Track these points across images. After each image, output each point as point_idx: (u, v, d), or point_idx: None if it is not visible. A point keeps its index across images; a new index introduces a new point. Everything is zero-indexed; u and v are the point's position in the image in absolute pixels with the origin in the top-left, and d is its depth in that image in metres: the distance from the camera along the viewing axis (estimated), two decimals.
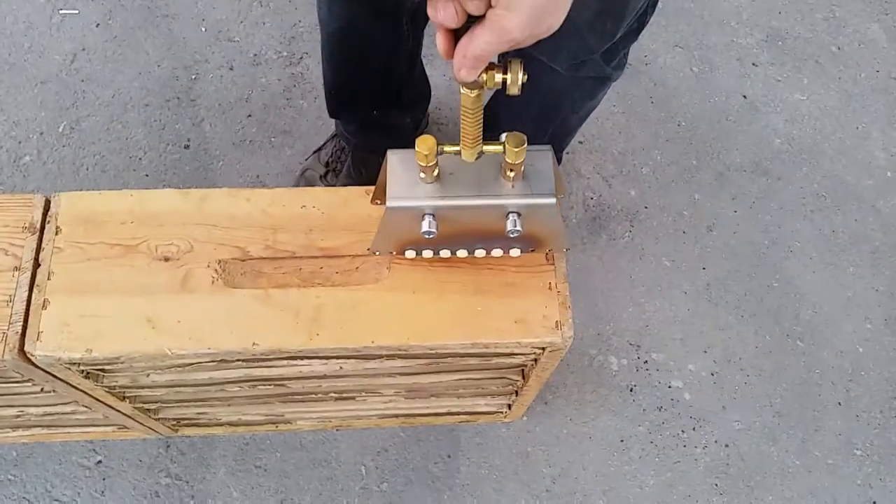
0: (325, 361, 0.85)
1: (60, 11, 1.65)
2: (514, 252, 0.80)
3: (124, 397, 0.96)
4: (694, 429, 1.28)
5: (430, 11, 0.52)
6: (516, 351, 0.84)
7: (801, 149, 1.58)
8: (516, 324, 0.80)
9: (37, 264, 0.81)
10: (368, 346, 0.79)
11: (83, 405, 0.98)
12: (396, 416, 1.18)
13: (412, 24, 1.14)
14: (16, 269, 0.81)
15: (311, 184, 1.41)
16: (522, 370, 0.97)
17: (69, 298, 0.79)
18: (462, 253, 0.80)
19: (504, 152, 0.66)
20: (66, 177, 1.47)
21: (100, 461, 1.21)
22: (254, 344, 0.78)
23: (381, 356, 0.84)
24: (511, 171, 0.69)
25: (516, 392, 1.07)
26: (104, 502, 1.18)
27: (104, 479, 1.20)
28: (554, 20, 0.51)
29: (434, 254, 0.80)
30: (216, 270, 0.81)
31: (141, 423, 1.09)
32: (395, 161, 0.73)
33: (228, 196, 0.86)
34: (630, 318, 1.36)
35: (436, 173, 0.70)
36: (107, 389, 0.91)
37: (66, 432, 1.16)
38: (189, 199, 0.85)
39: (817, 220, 1.49)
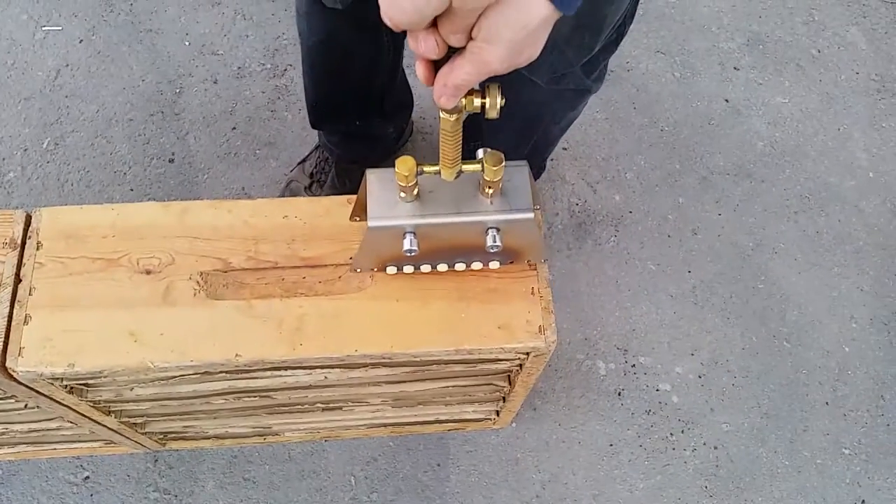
0: (309, 371, 0.85)
1: (44, 28, 1.65)
2: (494, 265, 0.81)
3: (109, 412, 0.95)
4: (682, 431, 1.28)
5: (410, 43, 0.53)
6: (501, 356, 0.85)
7: (784, 151, 1.59)
8: (500, 329, 0.81)
9: (18, 280, 0.81)
10: (352, 355, 0.79)
11: (68, 420, 0.98)
12: (385, 425, 1.18)
13: (392, 35, 1.15)
14: None
15: (295, 195, 1.41)
16: (508, 376, 0.97)
17: (51, 313, 0.79)
18: (442, 267, 0.81)
19: (482, 171, 0.68)
20: (50, 193, 1.46)
21: (87, 477, 1.20)
22: (237, 355, 0.78)
23: (365, 364, 0.84)
24: (489, 188, 0.71)
25: (503, 398, 1.07)
26: None
27: (92, 496, 1.19)
28: (533, 51, 0.52)
29: (415, 269, 0.81)
30: (198, 282, 0.81)
31: (128, 438, 1.09)
32: (374, 180, 0.74)
33: (210, 208, 0.86)
34: (617, 323, 1.36)
35: (415, 192, 0.71)
36: (91, 404, 0.90)
37: (52, 448, 1.16)
38: (170, 212, 0.85)
39: (801, 221, 1.50)
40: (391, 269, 0.81)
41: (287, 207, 0.86)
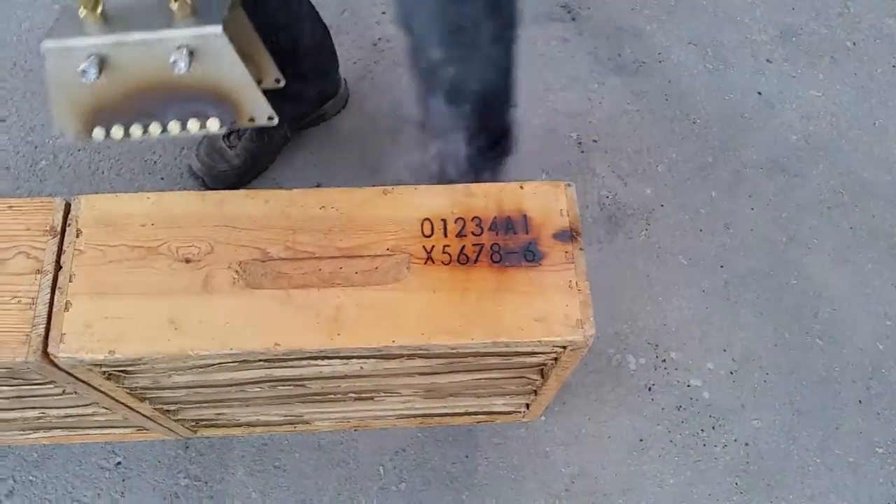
0: (345, 361, 0.85)
1: None
2: (213, 124, 0.72)
3: (144, 398, 0.96)
4: (713, 427, 1.27)
5: None
6: (537, 350, 0.84)
7: (818, 145, 1.57)
8: (537, 322, 0.80)
9: (58, 267, 0.82)
10: (389, 346, 0.79)
11: (103, 407, 0.99)
12: (414, 416, 1.18)
13: None
14: (38, 271, 0.82)
15: (213, 144, 1.40)
16: (542, 369, 0.96)
17: (91, 300, 0.80)
18: (155, 128, 0.72)
19: None
20: (82, 181, 1.47)
21: (119, 462, 1.21)
22: (276, 344, 0.78)
23: (401, 356, 0.84)
24: (175, 1, 0.64)
25: (535, 392, 1.06)
26: (124, 503, 1.18)
27: (124, 481, 1.20)
28: None
29: (126, 133, 0.72)
30: (237, 271, 0.81)
31: (160, 425, 1.10)
32: (67, 10, 0.67)
33: (247, 197, 0.86)
34: (648, 317, 1.35)
35: (98, 11, 0.65)
36: (127, 391, 0.91)
37: (85, 434, 1.17)
38: (208, 202, 0.85)
39: (835, 216, 1.48)
40: (99, 133, 0.72)
41: (324, 198, 0.86)
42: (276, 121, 0.75)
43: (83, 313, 0.79)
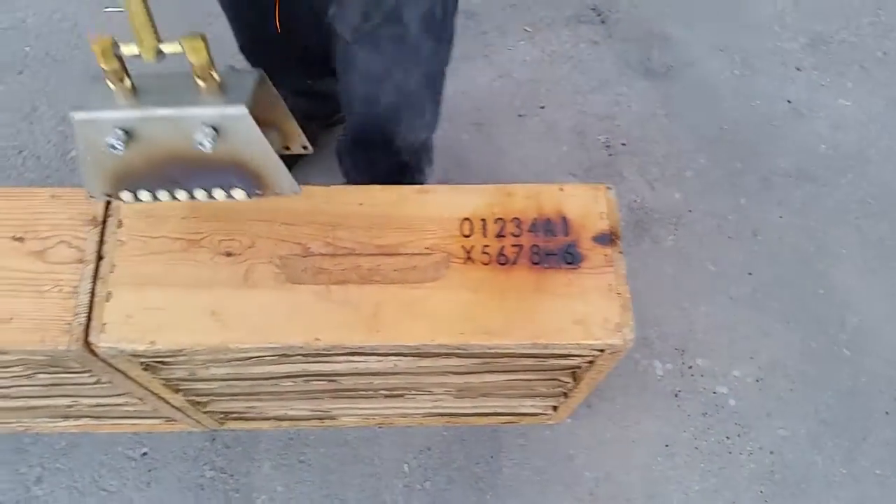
0: (381, 358, 0.85)
1: (106, 9, 1.67)
2: (238, 194, 0.74)
3: (178, 390, 0.96)
4: (739, 435, 1.27)
5: None
6: (574, 352, 0.84)
7: (847, 155, 1.56)
8: (576, 325, 0.80)
9: (100, 257, 0.82)
10: (428, 344, 0.79)
11: (136, 397, 0.99)
12: (441, 415, 1.18)
13: None
14: (79, 261, 0.82)
15: None
16: (574, 372, 0.96)
17: (132, 291, 0.80)
18: (182, 195, 0.74)
19: (184, 52, 0.63)
20: None
21: (145, 453, 1.22)
22: (316, 339, 0.78)
23: (438, 354, 0.84)
24: (201, 79, 0.65)
25: (565, 394, 1.06)
26: (150, 493, 1.19)
27: (150, 471, 1.21)
28: None
29: (153, 197, 0.74)
30: (278, 266, 0.81)
31: (189, 416, 1.10)
32: (97, 84, 0.68)
33: None
34: (675, 323, 1.35)
35: (128, 84, 0.67)
36: (163, 381, 0.91)
37: (113, 423, 1.17)
38: None
39: (863, 226, 1.47)
40: (126, 196, 0.74)
41: (363, 195, 0.87)
42: (297, 191, 0.76)
43: (124, 303, 0.79)
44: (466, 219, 0.85)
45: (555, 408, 1.15)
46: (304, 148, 0.85)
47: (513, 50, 1.64)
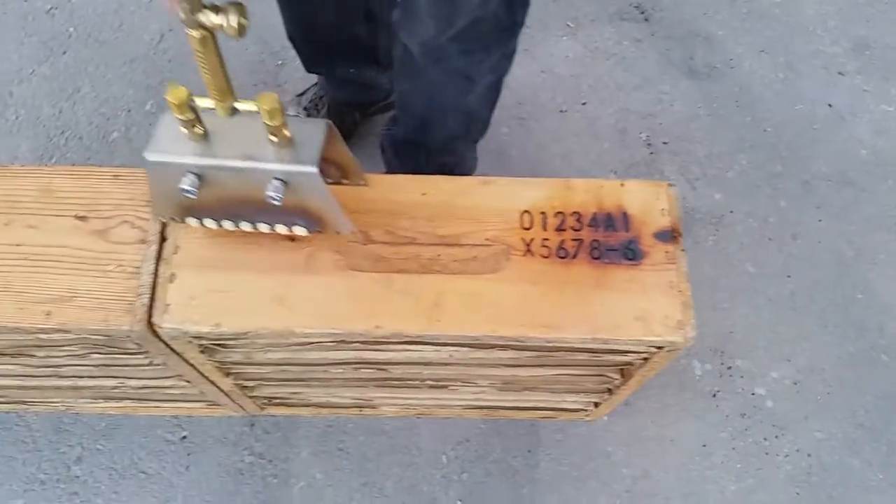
0: (439, 348, 0.85)
1: None
2: (300, 230, 0.78)
3: (229, 373, 0.97)
4: (776, 437, 1.26)
5: None
6: (632, 349, 0.84)
7: (888, 160, 1.55)
8: (637, 321, 0.80)
9: (163, 238, 0.83)
10: (488, 335, 0.80)
11: (185, 380, 1.00)
12: (480, 407, 1.18)
13: None
14: (142, 241, 0.83)
15: None
16: (623, 369, 0.96)
17: (196, 273, 0.80)
18: (246, 226, 0.77)
19: (259, 112, 0.65)
20: None
21: (185, 436, 1.23)
22: (377, 327, 0.79)
23: (495, 346, 0.84)
24: (274, 135, 0.67)
25: (610, 390, 1.06)
26: (189, 477, 1.20)
27: (189, 455, 1.21)
28: None
29: (217, 224, 0.78)
30: (339, 252, 0.82)
31: (233, 401, 1.11)
32: (168, 119, 0.70)
33: None
34: (714, 323, 1.34)
35: (200, 131, 0.68)
36: (217, 364, 0.92)
37: (154, 406, 1.18)
38: None
39: None
40: (192, 221, 0.78)
41: (425, 185, 0.87)
42: (353, 230, 0.79)
43: (188, 285, 0.80)
44: (526, 211, 0.85)
45: (596, 404, 1.15)
46: (362, 182, 0.86)
47: (555, 45, 1.64)
